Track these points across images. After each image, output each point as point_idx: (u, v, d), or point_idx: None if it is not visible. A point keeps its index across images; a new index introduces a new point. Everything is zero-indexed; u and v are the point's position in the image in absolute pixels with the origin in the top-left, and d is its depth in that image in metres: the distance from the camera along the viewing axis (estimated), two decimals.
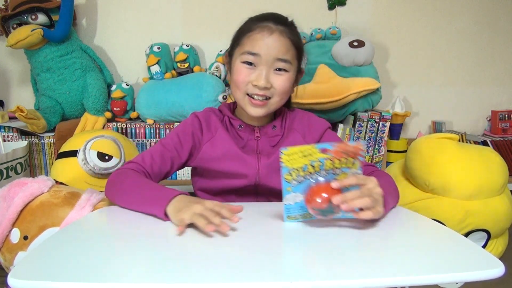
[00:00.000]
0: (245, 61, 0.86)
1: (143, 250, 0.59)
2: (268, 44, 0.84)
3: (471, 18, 2.08)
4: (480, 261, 0.54)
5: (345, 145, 0.66)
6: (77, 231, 0.68)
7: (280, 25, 0.86)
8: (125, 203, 0.78)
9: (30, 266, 0.52)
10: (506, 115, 2.04)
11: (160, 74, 1.81)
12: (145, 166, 0.86)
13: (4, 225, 1.03)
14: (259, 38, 0.84)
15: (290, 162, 0.67)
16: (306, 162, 0.67)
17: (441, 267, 0.52)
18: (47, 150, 1.73)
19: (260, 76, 0.85)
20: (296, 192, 0.69)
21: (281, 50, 0.84)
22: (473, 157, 1.33)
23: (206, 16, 1.97)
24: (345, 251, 0.59)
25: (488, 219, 1.32)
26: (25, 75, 1.99)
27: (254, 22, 0.88)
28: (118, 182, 0.82)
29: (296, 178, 0.68)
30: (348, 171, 0.67)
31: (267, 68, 0.85)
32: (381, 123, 1.78)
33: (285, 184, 0.69)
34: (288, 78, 0.87)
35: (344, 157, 0.66)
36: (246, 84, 0.86)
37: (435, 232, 0.69)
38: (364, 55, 1.74)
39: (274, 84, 0.86)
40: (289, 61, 0.86)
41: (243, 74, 0.86)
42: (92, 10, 1.97)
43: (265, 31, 0.84)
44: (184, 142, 0.91)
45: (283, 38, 0.85)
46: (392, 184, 0.83)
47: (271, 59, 0.84)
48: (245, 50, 0.86)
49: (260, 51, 0.84)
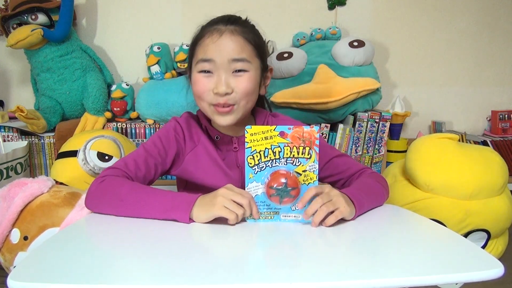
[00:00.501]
0: (201, 70, 0.82)
1: (143, 251, 0.59)
2: (220, 46, 0.80)
3: (471, 18, 2.07)
4: (480, 261, 0.54)
5: (301, 129, 0.71)
6: (76, 233, 0.68)
7: (230, 25, 0.83)
8: (123, 212, 0.73)
9: (29, 268, 0.52)
10: (506, 115, 2.04)
11: (160, 74, 1.81)
12: (129, 172, 0.80)
13: (4, 225, 1.03)
14: (209, 43, 0.81)
15: (253, 143, 0.71)
16: (268, 145, 0.71)
17: (440, 268, 0.53)
18: (47, 150, 1.73)
19: (219, 82, 0.80)
20: (258, 182, 0.72)
21: (235, 50, 0.80)
22: (473, 157, 1.33)
23: (206, 16, 1.96)
24: (344, 252, 0.60)
25: (488, 219, 1.32)
26: (25, 75, 1.99)
27: (204, 28, 0.85)
28: (110, 191, 0.74)
29: (257, 163, 0.71)
30: (306, 162, 0.71)
31: (225, 72, 0.81)
32: (381, 123, 1.78)
33: (248, 170, 0.72)
34: (250, 78, 0.82)
35: (300, 144, 0.70)
36: (207, 93, 0.82)
37: (434, 233, 0.69)
38: (364, 55, 1.74)
39: (236, 88, 0.81)
40: (246, 60, 0.81)
41: (201, 84, 0.82)
42: (92, 10, 1.97)
43: (214, 34, 0.81)
44: (168, 148, 0.87)
45: (235, 36, 0.81)
46: (373, 184, 0.83)
47: (226, 62, 0.80)
48: (199, 59, 0.82)
49: (213, 55, 0.80)
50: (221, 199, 0.68)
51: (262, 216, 0.72)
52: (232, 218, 0.67)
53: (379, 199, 0.82)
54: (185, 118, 0.92)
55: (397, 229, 0.71)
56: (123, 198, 0.73)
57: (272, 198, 0.70)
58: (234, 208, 0.68)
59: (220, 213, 0.67)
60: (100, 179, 0.77)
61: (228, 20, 0.84)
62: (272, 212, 0.72)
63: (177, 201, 0.70)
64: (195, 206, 0.69)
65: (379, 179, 0.87)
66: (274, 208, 0.72)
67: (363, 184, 0.82)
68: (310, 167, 0.72)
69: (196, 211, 0.69)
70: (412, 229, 0.72)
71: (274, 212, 0.72)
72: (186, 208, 0.69)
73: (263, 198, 0.72)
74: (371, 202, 0.78)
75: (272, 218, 0.72)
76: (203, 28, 0.86)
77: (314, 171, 0.72)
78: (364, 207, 0.75)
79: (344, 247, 0.62)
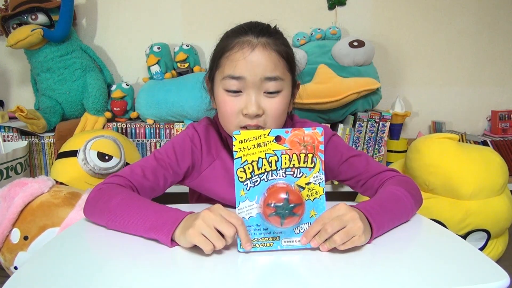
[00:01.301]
0: (228, 90, 0.73)
1: (143, 255, 0.58)
2: (252, 63, 0.70)
3: (471, 18, 2.07)
4: (485, 272, 0.53)
5: (301, 132, 0.59)
6: (75, 235, 0.66)
7: (262, 36, 0.72)
8: (112, 225, 0.66)
9: (25, 276, 0.51)
10: (506, 115, 2.04)
11: (160, 74, 1.81)
12: (133, 181, 0.74)
13: (4, 225, 1.03)
14: (239, 58, 0.71)
15: (243, 151, 0.58)
16: (261, 154, 0.58)
17: (442, 279, 0.51)
18: (47, 150, 1.73)
19: (249, 102, 0.72)
20: (251, 201, 0.59)
21: (268, 67, 0.71)
22: (473, 157, 1.33)
23: (206, 16, 1.97)
24: (339, 258, 0.57)
25: (488, 219, 1.32)
26: (25, 75, 1.99)
27: (231, 38, 0.74)
28: (103, 200, 0.68)
29: (250, 176, 0.58)
30: (309, 173, 0.59)
31: (256, 91, 0.72)
32: (381, 123, 1.78)
33: (238, 185, 0.59)
34: (282, 99, 0.74)
35: (302, 151, 0.59)
36: (236, 115, 0.73)
37: (436, 238, 0.66)
38: (364, 55, 1.74)
39: (267, 110, 0.73)
40: (280, 78, 0.73)
41: (230, 105, 0.73)
42: (92, 10, 1.97)
43: (245, 47, 0.71)
44: (181, 159, 0.79)
45: (268, 51, 0.72)
46: (400, 194, 0.70)
47: (257, 81, 0.71)
48: (226, 75, 0.72)
49: (243, 73, 0.71)
50: (200, 223, 0.56)
51: (259, 243, 0.58)
52: (207, 249, 0.55)
53: (405, 214, 0.70)
54: (204, 127, 0.84)
55: (397, 237, 0.65)
56: (111, 210, 0.65)
57: (270, 219, 0.57)
58: (213, 238, 0.55)
59: (193, 240, 0.56)
60: (99, 185, 0.72)
61: (260, 31, 0.73)
62: (271, 238, 0.58)
63: (162, 221, 0.61)
64: (178, 227, 0.59)
65: (408, 185, 0.74)
66: (274, 233, 0.59)
67: (388, 197, 0.69)
68: (314, 178, 0.60)
69: (178, 233, 0.59)
70: (414, 234, 0.68)
71: (274, 237, 0.58)
72: (169, 228, 0.59)
73: (259, 220, 0.58)
74: (393, 221, 0.67)
75: (272, 246, 0.58)
76: (230, 37, 0.75)
77: (320, 183, 0.60)
78: (384, 228, 0.64)
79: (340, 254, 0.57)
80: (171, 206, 0.68)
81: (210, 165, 0.82)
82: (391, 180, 0.77)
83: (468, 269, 0.54)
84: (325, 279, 0.51)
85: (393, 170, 0.81)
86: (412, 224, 0.70)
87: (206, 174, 0.83)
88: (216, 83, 0.76)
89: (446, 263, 0.55)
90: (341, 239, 0.56)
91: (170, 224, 0.59)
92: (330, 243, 0.57)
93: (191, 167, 0.81)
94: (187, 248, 0.58)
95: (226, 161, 0.82)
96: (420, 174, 1.35)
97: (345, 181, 0.85)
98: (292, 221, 0.57)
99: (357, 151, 0.85)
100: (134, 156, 1.52)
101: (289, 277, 0.51)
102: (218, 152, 0.83)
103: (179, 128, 1.77)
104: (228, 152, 0.83)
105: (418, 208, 0.75)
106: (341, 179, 0.85)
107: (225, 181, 0.81)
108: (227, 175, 0.82)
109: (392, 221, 0.66)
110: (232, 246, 0.59)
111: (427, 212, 1.30)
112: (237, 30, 0.75)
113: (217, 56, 0.76)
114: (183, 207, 0.66)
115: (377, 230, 0.61)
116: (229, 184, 0.79)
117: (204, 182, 0.83)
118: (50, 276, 0.51)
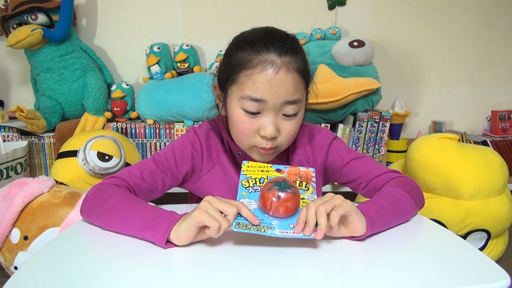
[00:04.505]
0: (247, 110, 0.71)
1: (144, 255, 0.58)
2: (275, 87, 0.68)
3: (471, 18, 2.08)
4: (485, 272, 0.52)
5: (297, 169, 0.70)
6: (75, 235, 0.66)
7: (285, 55, 0.69)
8: (107, 225, 0.65)
9: (25, 276, 0.51)
10: (506, 115, 2.04)
11: (160, 74, 1.81)
12: (131, 183, 0.73)
13: (4, 225, 1.03)
14: (262, 80, 0.68)
15: (249, 172, 0.69)
16: (264, 176, 0.68)
17: (442, 279, 0.51)
18: (47, 150, 1.73)
19: (268, 125, 0.71)
20: (251, 200, 0.63)
21: (289, 91, 0.69)
22: (473, 157, 1.33)
23: (206, 16, 1.97)
24: (339, 259, 0.57)
25: (488, 219, 1.32)
26: (25, 75, 1.99)
27: (250, 52, 0.70)
28: (100, 199, 0.67)
29: (252, 186, 0.66)
30: (303, 193, 0.66)
31: (275, 114, 0.71)
32: (381, 123, 1.78)
33: (241, 189, 0.65)
34: (299, 120, 0.75)
35: (297, 180, 0.68)
36: (253, 135, 0.73)
37: (436, 239, 0.66)
38: (364, 55, 1.74)
39: (283, 131, 0.73)
40: (299, 100, 0.72)
41: (246, 125, 0.72)
42: (92, 10, 1.97)
43: (268, 69, 0.68)
44: (180, 164, 0.79)
45: (291, 73, 0.69)
46: (398, 195, 0.70)
47: (278, 104, 0.70)
48: (246, 95, 0.69)
49: (266, 96, 0.68)
50: (204, 204, 0.58)
51: (254, 228, 0.59)
52: (215, 226, 0.56)
53: (403, 213, 0.69)
54: (205, 131, 0.83)
55: (397, 237, 0.65)
56: (108, 209, 0.65)
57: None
58: (219, 216, 0.57)
59: (200, 218, 0.57)
60: (96, 186, 0.71)
61: (282, 48, 0.70)
62: (267, 227, 0.59)
63: (159, 219, 0.61)
64: (177, 223, 0.59)
65: (408, 186, 0.74)
66: (269, 223, 0.60)
67: (384, 196, 0.70)
68: (308, 197, 0.65)
69: (176, 226, 0.59)
70: (414, 234, 0.68)
71: (269, 227, 0.60)
72: (167, 225, 0.59)
73: (256, 213, 0.61)
74: (389, 217, 0.66)
75: (266, 232, 0.58)
76: (248, 50, 0.70)
77: (312, 199, 0.64)
78: (379, 221, 0.64)
79: (340, 254, 0.58)
80: (170, 207, 0.68)
81: (210, 170, 0.82)
82: (392, 181, 0.77)
83: (468, 269, 0.53)
84: (325, 279, 0.51)
85: (395, 171, 0.80)
86: (412, 224, 0.71)
87: (206, 179, 0.82)
88: (232, 98, 0.73)
89: (446, 263, 0.55)
90: (324, 207, 0.58)
91: (168, 221, 0.60)
92: (322, 226, 0.58)
93: (190, 172, 0.81)
94: (184, 249, 0.58)
95: (227, 166, 0.82)
96: (420, 174, 1.35)
97: (346, 184, 0.85)
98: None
99: (359, 153, 0.85)
100: (134, 156, 1.52)
101: (287, 279, 0.51)
102: (218, 157, 0.82)
103: (179, 128, 1.77)
104: (229, 157, 0.82)
105: (420, 209, 0.74)
106: (343, 182, 0.86)
107: (225, 187, 0.81)
108: (227, 181, 0.81)
109: (389, 217, 0.66)
110: (227, 248, 0.60)
111: (427, 212, 1.30)
112: (257, 43, 0.70)
113: (235, 70, 0.71)
114: (182, 207, 0.66)
115: (370, 221, 0.62)
116: (229, 190, 0.80)
117: (203, 187, 0.83)
118: (50, 276, 0.51)
